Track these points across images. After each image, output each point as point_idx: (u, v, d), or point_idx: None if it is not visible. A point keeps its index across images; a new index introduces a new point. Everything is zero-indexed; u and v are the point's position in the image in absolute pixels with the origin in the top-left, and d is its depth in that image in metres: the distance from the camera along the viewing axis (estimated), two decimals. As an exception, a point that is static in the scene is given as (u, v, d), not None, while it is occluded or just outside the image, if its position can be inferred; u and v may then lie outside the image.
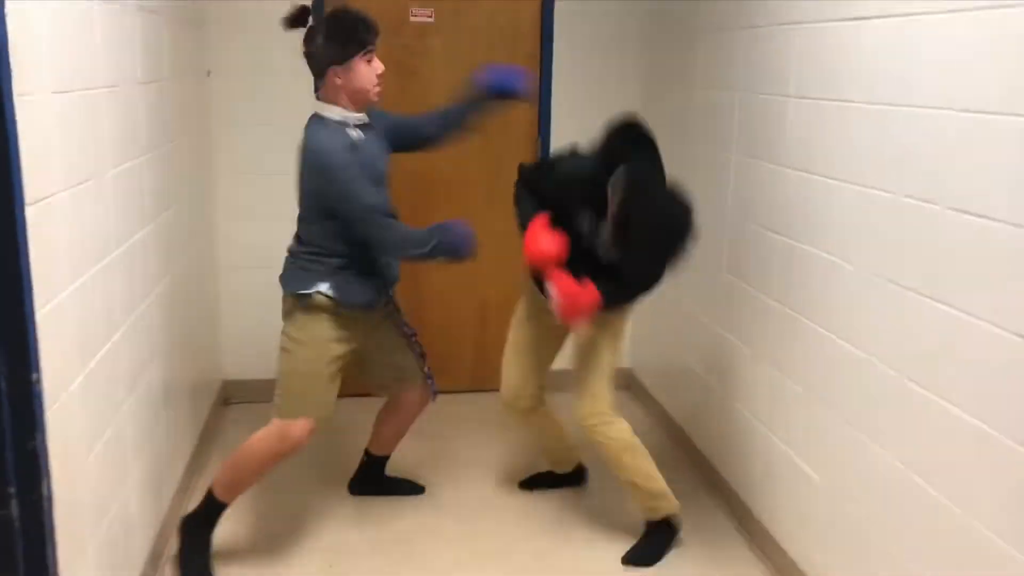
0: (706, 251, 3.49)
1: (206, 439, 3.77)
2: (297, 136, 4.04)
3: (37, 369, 1.85)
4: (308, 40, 2.73)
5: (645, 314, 4.32)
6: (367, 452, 3.46)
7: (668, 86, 3.96)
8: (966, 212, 1.97)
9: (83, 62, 2.20)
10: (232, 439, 3.91)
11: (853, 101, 2.43)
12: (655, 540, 3.05)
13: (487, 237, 2.95)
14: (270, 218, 4.10)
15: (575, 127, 4.16)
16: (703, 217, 3.46)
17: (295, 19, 2.76)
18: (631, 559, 3.01)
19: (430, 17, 4.06)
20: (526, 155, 4.18)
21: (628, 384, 4.52)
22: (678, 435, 3.88)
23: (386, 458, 3.47)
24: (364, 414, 3.50)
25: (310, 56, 2.75)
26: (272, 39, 3.88)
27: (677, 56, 3.83)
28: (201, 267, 3.77)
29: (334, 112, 2.76)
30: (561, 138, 4.23)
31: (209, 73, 3.94)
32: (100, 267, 2.31)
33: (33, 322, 1.83)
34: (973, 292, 1.96)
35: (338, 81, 2.73)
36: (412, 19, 4.05)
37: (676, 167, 3.80)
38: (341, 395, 2.97)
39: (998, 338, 1.87)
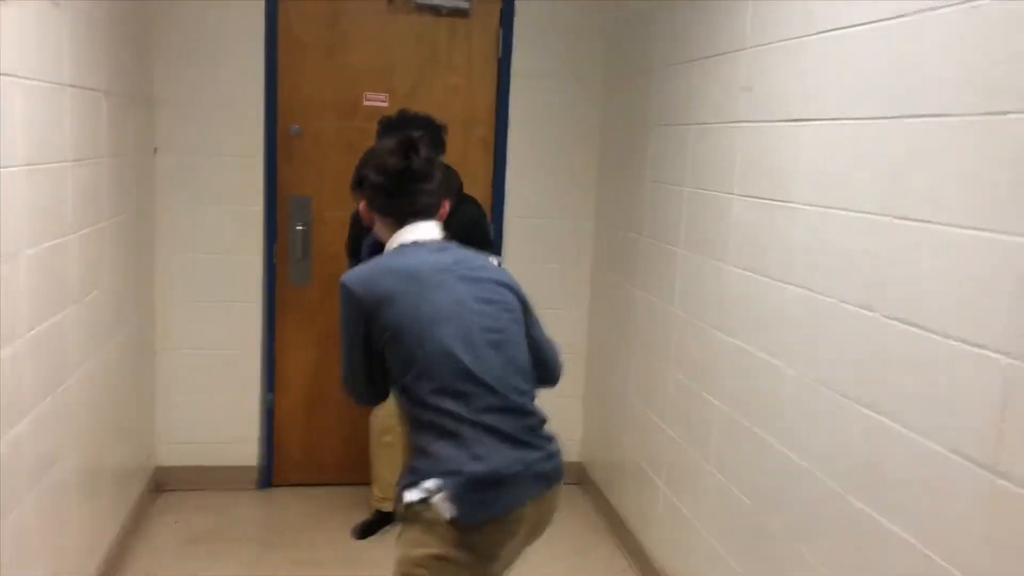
0: (655, 346, 3.42)
1: (131, 528, 3.58)
2: (242, 214, 4.03)
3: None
4: (425, 178, 2.19)
5: (596, 407, 4.23)
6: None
7: (620, 175, 3.93)
8: (904, 322, 1.91)
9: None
10: (161, 528, 3.74)
11: (794, 203, 2.39)
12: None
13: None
14: (210, 299, 4.02)
15: (528, 214, 4.16)
16: (654, 311, 3.43)
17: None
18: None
19: (384, 101, 4.04)
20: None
21: (579, 479, 4.39)
22: (626, 535, 3.74)
23: None
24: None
25: (431, 194, 2.20)
26: (220, 119, 3.91)
27: (629, 146, 3.81)
28: (136, 348, 3.64)
29: None
30: (515, 229, 4.20)
31: (156, 150, 3.87)
32: (5, 353, 2.18)
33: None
34: (907, 403, 1.89)
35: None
36: (366, 103, 4.03)
37: (627, 257, 3.83)
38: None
39: (932, 454, 1.79)
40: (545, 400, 2.19)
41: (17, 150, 2.24)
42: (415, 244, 2.14)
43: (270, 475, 4.23)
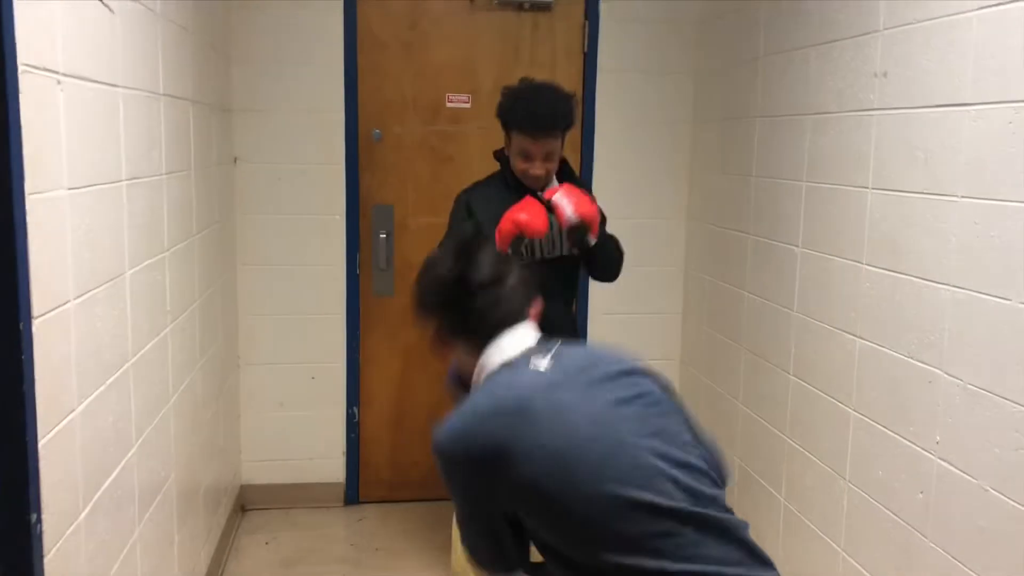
0: (767, 351, 3.23)
1: (222, 550, 3.47)
2: (323, 223, 3.91)
3: (37, 508, 1.59)
4: (495, 283, 1.74)
5: (694, 412, 4.04)
6: None
7: (718, 171, 3.74)
8: None
9: (104, 155, 1.99)
10: (252, 550, 3.63)
11: (951, 195, 2.19)
12: None
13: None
14: (290, 311, 3.91)
15: (617, 214, 3.97)
16: (765, 313, 3.23)
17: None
18: None
19: (467, 102, 3.89)
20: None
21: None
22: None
23: None
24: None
25: (508, 300, 1.75)
26: (300, 126, 3.79)
27: (728, 140, 3.62)
28: (221, 364, 3.53)
29: None
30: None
31: (236, 160, 3.76)
32: (114, 379, 2.06)
33: (35, 452, 1.58)
34: None
35: None
36: (448, 104, 3.89)
37: (729, 256, 3.62)
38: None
39: None
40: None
41: (121, 164, 2.12)
42: (505, 365, 1.65)
43: (356, 492, 4.11)
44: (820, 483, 2.87)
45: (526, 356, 1.64)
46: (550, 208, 2.66)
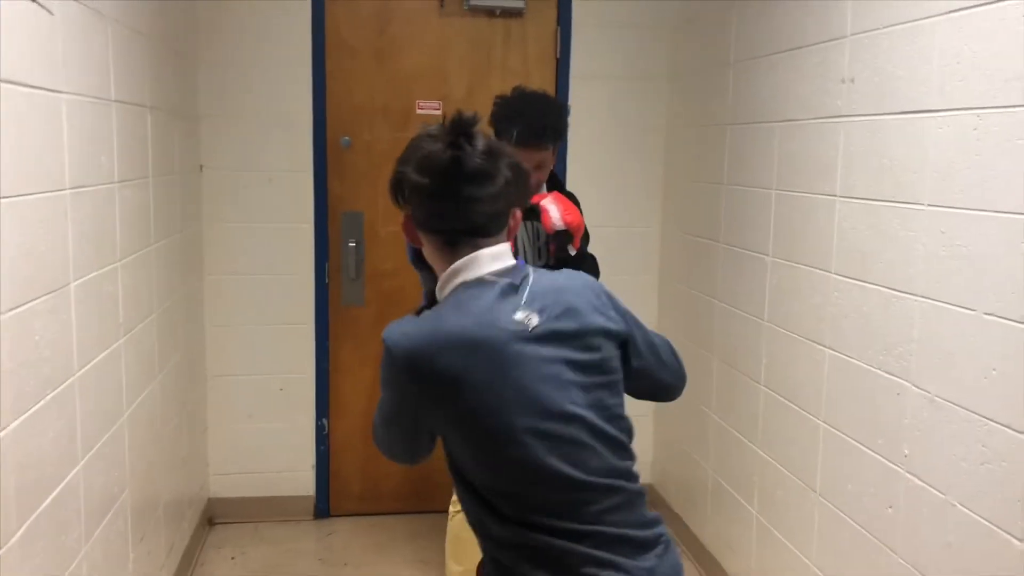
0: (738, 360, 3.18)
1: (186, 565, 3.39)
2: (291, 232, 3.85)
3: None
4: (484, 177, 1.57)
5: (668, 424, 3.99)
6: None
7: (691, 179, 3.70)
8: None
9: (42, 163, 1.93)
10: (218, 564, 3.56)
11: (917, 204, 2.15)
12: None
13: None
14: (259, 322, 3.84)
15: (590, 222, 3.90)
16: (736, 322, 3.18)
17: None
18: None
19: (437, 109, 3.84)
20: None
21: (651, 501, 4.15)
22: (709, 563, 3.50)
23: None
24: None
25: (494, 200, 1.61)
26: (267, 132, 3.73)
27: (700, 148, 3.58)
28: (186, 376, 3.45)
29: None
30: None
31: (202, 168, 3.70)
32: (56, 393, 2.00)
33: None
34: None
35: None
36: (419, 111, 3.84)
37: (702, 265, 3.58)
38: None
39: None
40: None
41: (65, 172, 2.06)
42: (478, 283, 1.54)
43: (326, 505, 4.03)
44: (791, 496, 2.82)
45: (497, 278, 1.55)
46: (537, 214, 2.63)
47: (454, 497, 2.96)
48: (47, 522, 1.95)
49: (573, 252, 2.73)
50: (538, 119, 2.69)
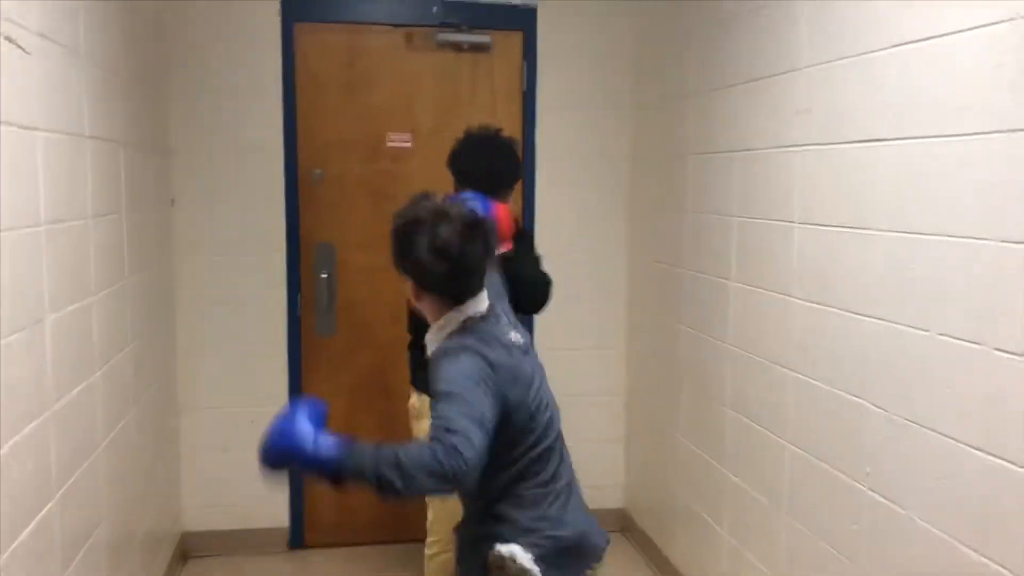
0: (705, 385, 3.25)
1: (159, 603, 3.38)
2: (264, 264, 3.88)
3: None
4: (487, 261, 2.08)
5: (639, 450, 4.04)
6: None
7: (656, 207, 3.78)
8: (1022, 355, 1.74)
9: (17, 199, 1.95)
10: (188, 603, 3.54)
11: (871, 229, 2.24)
12: None
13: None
14: (232, 354, 3.85)
15: (559, 251, 3.97)
16: (703, 347, 3.25)
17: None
18: None
19: (407, 142, 3.90)
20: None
21: (623, 526, 4.19)
22: (682, 585, 3.54)
23: None
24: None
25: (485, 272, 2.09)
26: (239, 166, 3.77)
27: (665, 177, 3.67)
28: (160, 409, 3.46)
29: None
30: (546, 266, 4.03)
31: (173, 202, 3.72)
32: (31, 428, 2.01)
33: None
34: None
35: None
36: (389, 144, 3.89)
37: (668, 291, 3.66)
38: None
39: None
40: (585, 444, 2.54)
41: (40, 207, 2.09)
42: (483, 320, 2.01)
43: (301, 536, 4.03)
44: (759, 517, 2.88)
45: (485, 317, 2.01)
46: None
47: (430, 539, 2.99)
48: (23, 556, 1.96)
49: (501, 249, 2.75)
50: (506, 166, 2.84)
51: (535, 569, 1.92)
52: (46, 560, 2.12)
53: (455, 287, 1.96)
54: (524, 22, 3.95)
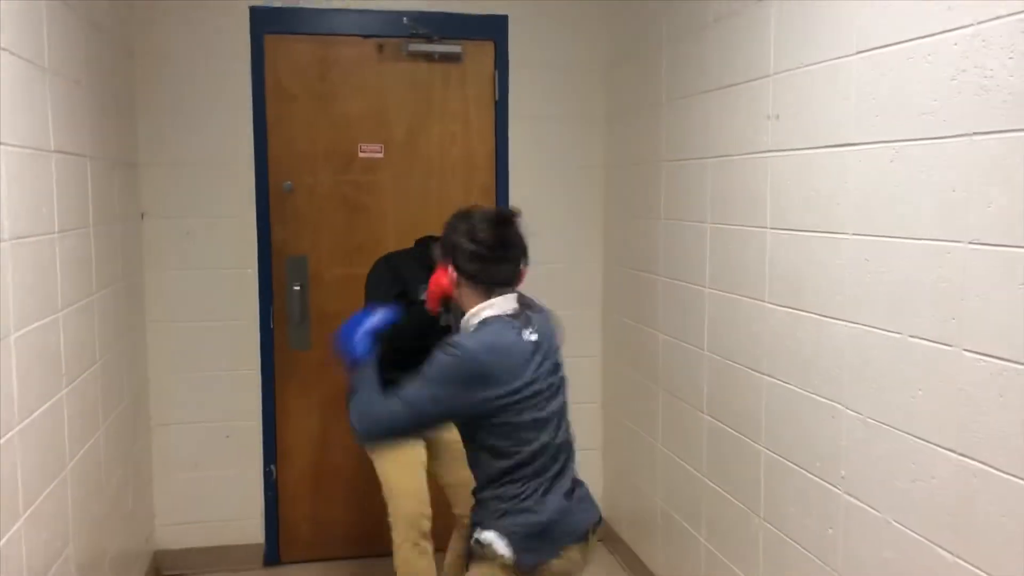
0: (681, 391, 3.25)
1: (132, 624, 3.33)
2: (235, 277, 3.84)
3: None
4: (517, 248, 2.41)
5: (616, 458, 4.04)
6: None
7: (630, 214, 3.79)
8: (990, 355, 1.75)
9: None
10: (162, 622, 3.49)
11: (841, 232, 2.25)
12: None
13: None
14: (203, 368, 3.82)
15: (534, 259, 3.96)
16: (678, 353, 3.25)
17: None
18: None
19: (379, 152, 3.89)
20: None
21: (603, 535, 4.18)
22: (661, 593, 3.53)
23: None
24: None
25: (517, 263, 2.41)
26: (208, 179, 3.74)
27: (638, 184, 3.68)
28: (130, 425, 3.41)
29: None
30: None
31: (143, 215, 3.69)
32: (-4, 448, 1.97)
33: None
34: (1000, 443, 1.72)
35: None
36: (361, 155, 3.88)
37: (643, 298, 3.67)
38: None
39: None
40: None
41: (3, 223, 2.05)
42: (498, 319, 2.29)
43: (276, 552, 3.99)
44: (736, 522, 2.88)
45: (515, 316, 2.31)
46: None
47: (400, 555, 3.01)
48: (-12, 579, 1.91)
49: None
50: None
51: (508, 554, 2.24)
52: (12, 583, 2.08)
53: (486, 274, 2.31)
54: (495, 31, 3.95)
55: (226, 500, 3.92)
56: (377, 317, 2.47)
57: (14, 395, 2.10)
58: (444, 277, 2.39)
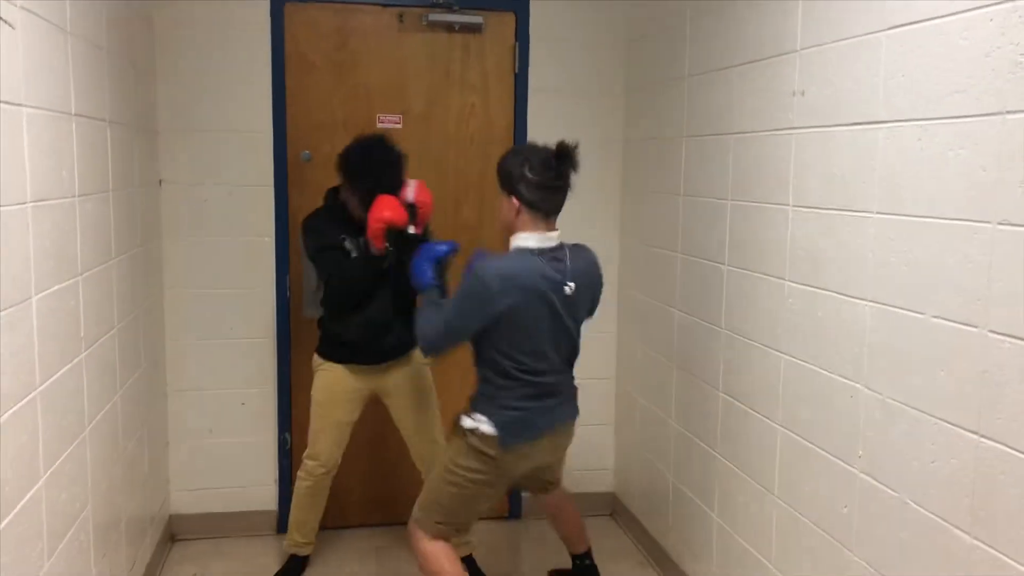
0: (697, 368, 3.24)
1: (146, 586, 3.36)
2: (252, 245, 3.84)
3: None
4: (568, 179, 2.74)
5: (629, 433, 4.04)
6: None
7: (649, 190, 3.77)
8: (1017, 337, 1.74)
9: (6, 175, 1.92)
10: (176, 585, 3.53)
11: (866, 211, 2.23)
12: None
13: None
14: (219, 335, 3.83)
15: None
16: (695, 331, 3.24)
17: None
18: None
19: (398, 123, 3.87)
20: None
21: (612, 509, 4.20)
22: (670, 568, 3.54)
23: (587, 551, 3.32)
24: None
25: (565, 195, 2.75)
26: (227, 147, 3.73)
27: (657, 160, 3.65)
28: (147, 391, 3.43)
29: None
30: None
31: (161, 182, 3.69)
32: (16, 409, 1.98)
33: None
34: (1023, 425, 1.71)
35: None
36: (379, 125, 3.86)
37: (660, 275, 3.66)
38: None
39: None
40: (575, 430, 2.91)
41: (25, 184, 2.05)
42: (525, 251, 2.60)
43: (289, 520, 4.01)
44: (750, 499, 2.88)
45: (542, 253, 2.62)
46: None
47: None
48: (9, 538, 1.94)
49: (413, 231, 3.08)
50: (384, 178, 3.12)
51: (493, 431, 2.63)
52: (33, 542, 2.10)
53: (546, 202, 2.63)
54: (516, 3, 3.91)
55: (241, 466, 3.95)
56: (440, 248, 2.83)
57: (35, 356, 2.11)
58: (504, 207, 2.66)
